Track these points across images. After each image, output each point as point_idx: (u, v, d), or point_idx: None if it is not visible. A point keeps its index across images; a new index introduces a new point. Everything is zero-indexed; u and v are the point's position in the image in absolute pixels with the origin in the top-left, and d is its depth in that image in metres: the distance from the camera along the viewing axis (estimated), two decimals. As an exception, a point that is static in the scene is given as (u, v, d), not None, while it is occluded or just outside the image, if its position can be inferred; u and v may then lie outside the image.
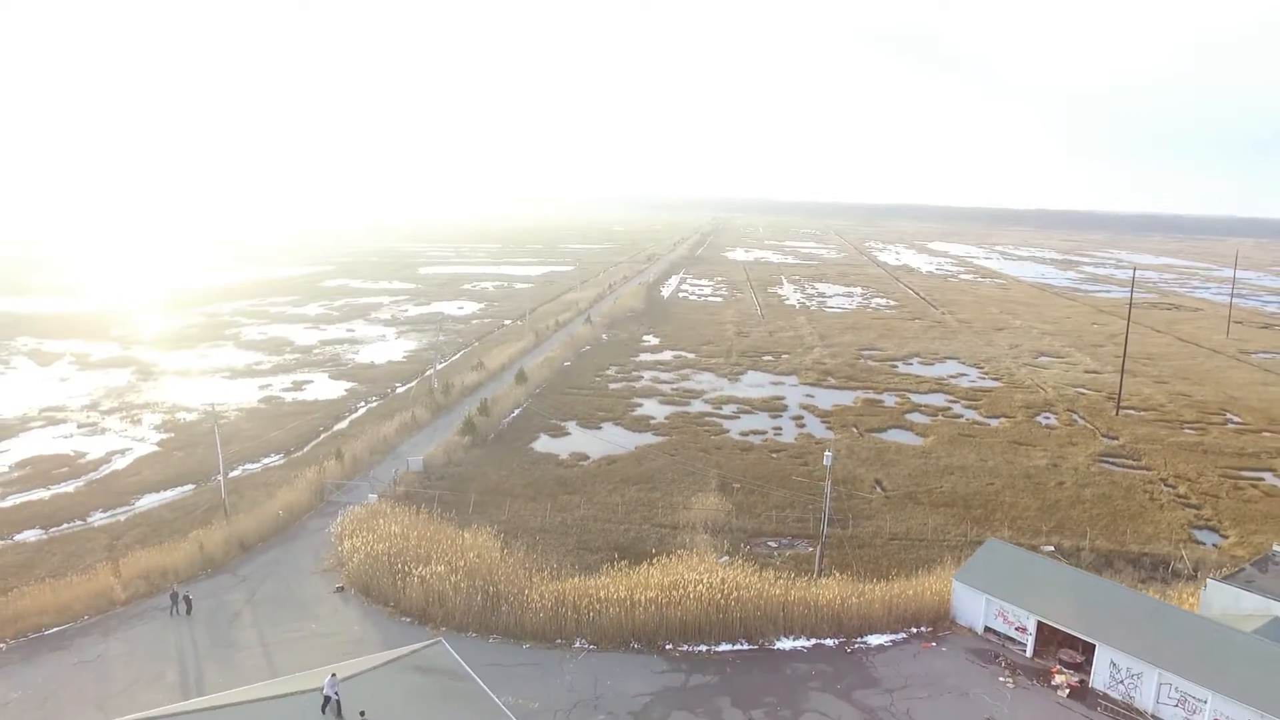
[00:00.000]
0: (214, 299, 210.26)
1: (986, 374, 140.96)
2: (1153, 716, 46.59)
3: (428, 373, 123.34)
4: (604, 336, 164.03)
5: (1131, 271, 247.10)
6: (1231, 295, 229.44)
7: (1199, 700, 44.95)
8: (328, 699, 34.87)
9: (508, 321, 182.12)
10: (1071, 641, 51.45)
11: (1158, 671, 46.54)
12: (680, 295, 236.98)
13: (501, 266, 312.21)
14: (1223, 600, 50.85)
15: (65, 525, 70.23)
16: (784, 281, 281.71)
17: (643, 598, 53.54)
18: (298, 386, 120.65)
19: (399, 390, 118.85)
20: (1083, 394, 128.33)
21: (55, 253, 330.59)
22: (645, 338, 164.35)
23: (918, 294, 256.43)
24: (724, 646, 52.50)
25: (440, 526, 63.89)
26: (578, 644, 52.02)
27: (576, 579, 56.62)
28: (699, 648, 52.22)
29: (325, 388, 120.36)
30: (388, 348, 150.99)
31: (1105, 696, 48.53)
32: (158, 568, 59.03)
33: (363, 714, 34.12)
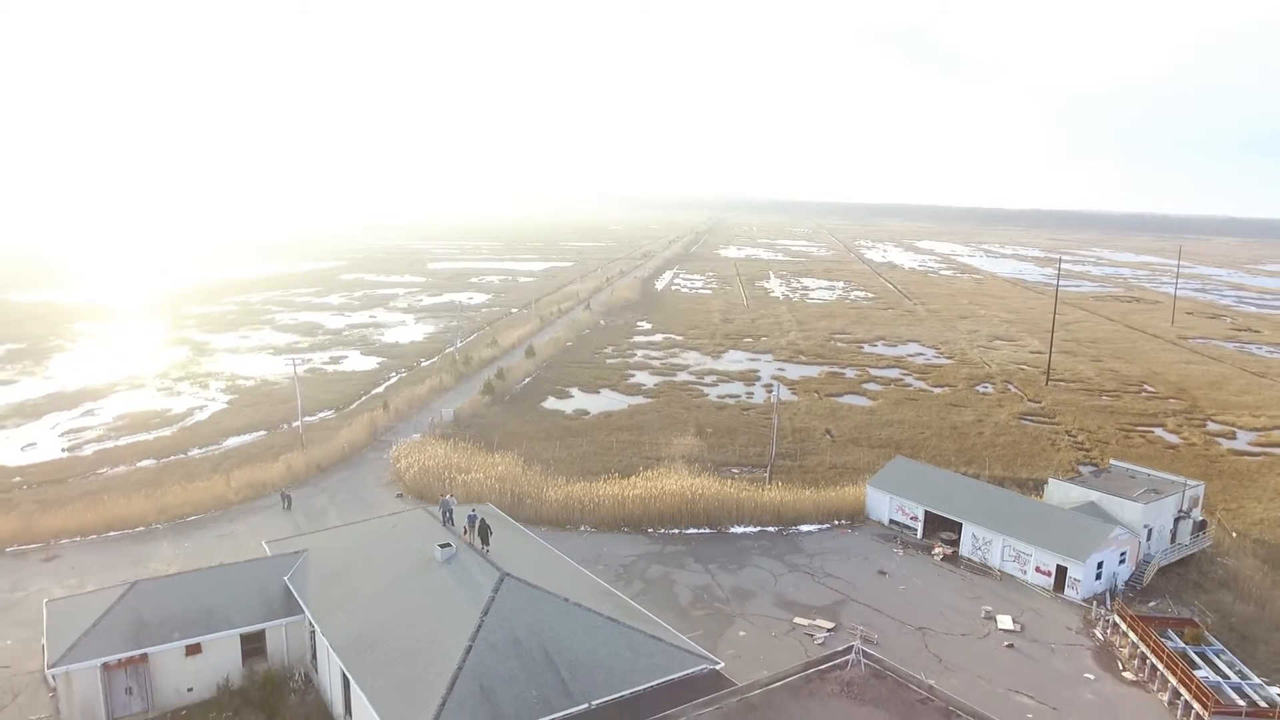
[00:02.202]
0: (240, 290, 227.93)
1: (942, 354, 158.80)
2: (998, 570, 64.47)
3: (448, 349, 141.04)
4: (602, 322, 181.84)
5: (1058, 263, 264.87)
6: (1175, 288, 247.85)
7: (1027, 554, 62.85)
8: (448, 513, 51.75)
9: (514, 310, 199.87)
10: (951, 525, 69.25)
11: (1002, 538, 64.44)
12: (673, 288, 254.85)
13: (505, 262, 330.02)
14: (1059, 492, 68.77)
15: (172, 457, 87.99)
16: (771, 276, 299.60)
17: (631, 495, 71.51)
18: (335, 361, 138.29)
19: (424, 364, 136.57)
20: (1023, 369, 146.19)
21: (73, 251, 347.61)
22: (639, 323, 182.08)
23: (895, 287, 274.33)
24: (691, 530, 70.34)
25: (474, 452, 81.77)
26: (582, 528, 69.83)
27: (581, 484, 74.50)
28: (672, 530, 70.05)
29: (359, 362, 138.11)
30: (409, 331, 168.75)
31: (967, 560, 66.43)
32: (258, 480, 76.83)
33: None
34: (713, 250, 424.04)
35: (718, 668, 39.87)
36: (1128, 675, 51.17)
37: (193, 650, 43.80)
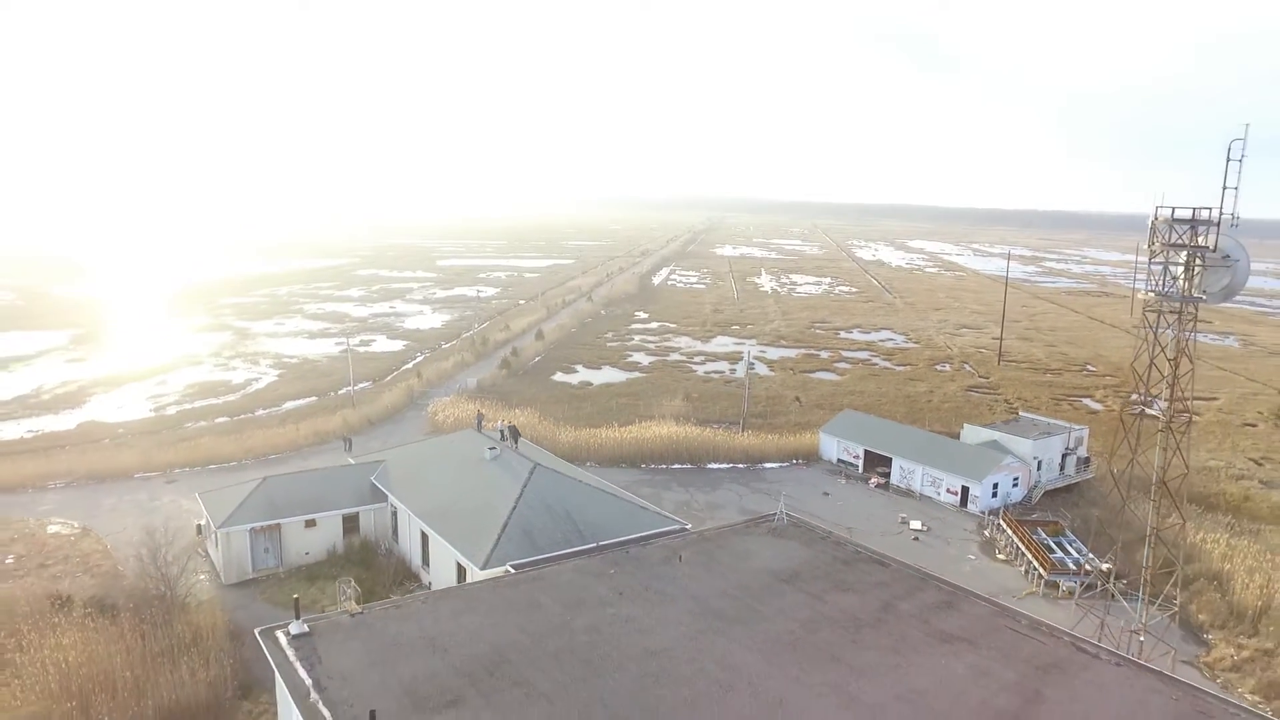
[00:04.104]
0: (265, 284, 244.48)
1: (910, 339, 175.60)
2: (919, 493, 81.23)
3: (466, 334, 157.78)
4: (603, 312, 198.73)
5: (1007, 256, 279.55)
6: (1134, 281, 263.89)
7: (940, 479, 79.64)
8: (502, 433, 68.52)
9: (522, 301, 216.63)
10: (885, 461, 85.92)
11: (922, 468, 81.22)
12: (669, 283, 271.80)
13: (510, 260, 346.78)
14: (971, 434, 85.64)
15: (242, 415, 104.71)
16: (762, 273, 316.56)
17: (628, 438, 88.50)
18: (365, 344, 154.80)
19: (444, 346, 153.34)
20: (981, 352, 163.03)
21: (90, 249, 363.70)
22: (637, 313, 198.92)
23: (879, 283, 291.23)
24: (676, 465, 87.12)
25: (498, 408, 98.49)
26: (588, 462, 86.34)
27: (587, 430, 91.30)
28: (661, 465, 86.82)
29: (387, 345, 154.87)
30: (427, 319, 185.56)
31: (895, 486, 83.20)
32: (321, 429, 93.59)
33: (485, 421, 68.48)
34: (709, 249, 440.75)
35: (687, 527, 56.59)
36: (1000, 557, 68.04)
37: (310, 524, 60.57)
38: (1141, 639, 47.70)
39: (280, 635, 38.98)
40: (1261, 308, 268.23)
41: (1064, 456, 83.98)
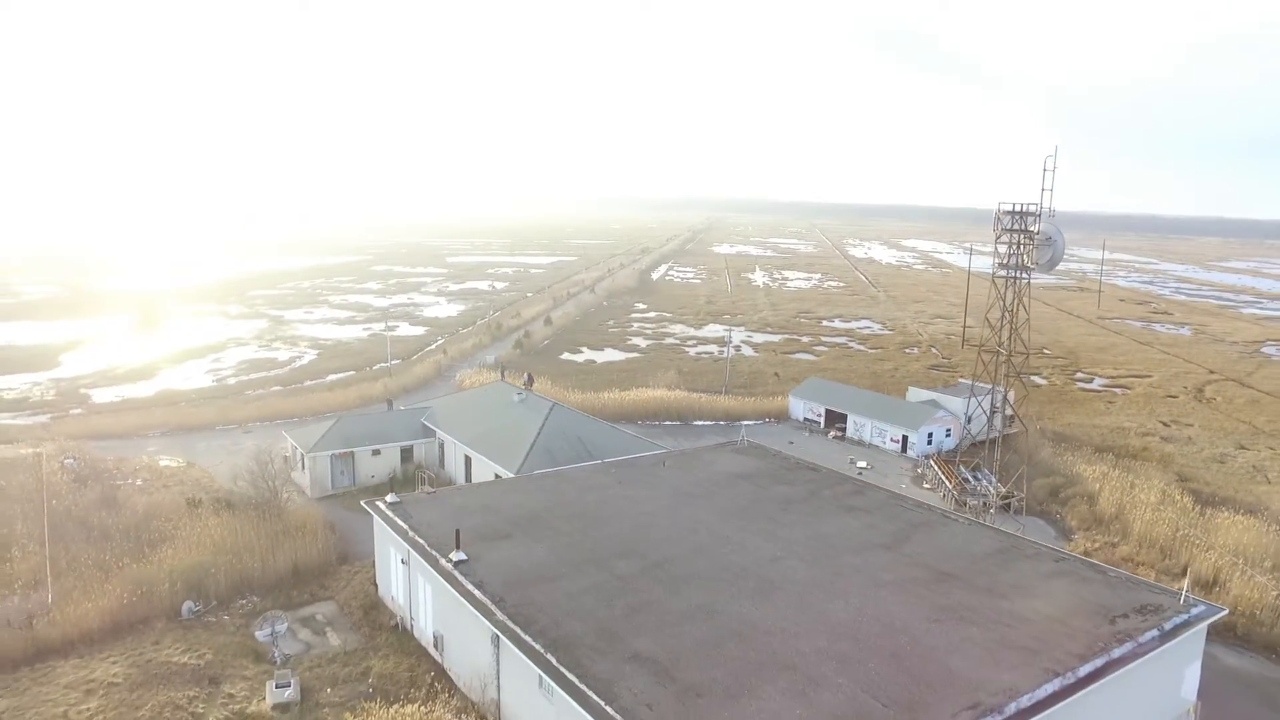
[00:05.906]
0: (287, 279, 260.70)
1: (886, 327, 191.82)
2: (869, 443, 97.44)
3: (481, 320, 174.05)
4: (605, 303, 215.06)
5: (970, 250, 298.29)
6: (1100, 277, 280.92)
7: (886, 430, 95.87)
8: (525, 382, 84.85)
9: (530, 294, 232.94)
10: (842, 418, 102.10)
11: (872, 421, 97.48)
12: (667, 278, 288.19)
13: (516, 257, 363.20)
14: (914, 394, 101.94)
15: (293, 385, 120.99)
16: (756, 269, 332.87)
17: (627, 399, 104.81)
18: (390, 329, 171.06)
19: (462, 331, 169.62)
20: (949, 338, 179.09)
21: (105, 247, 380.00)
22: (636, 304, 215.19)
23: (866, 278, 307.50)
24: (667, 422, 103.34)
25: (514, 379, 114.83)
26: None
27: (592, 394, 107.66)
28: (654, 422, 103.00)
29: (409, 330, 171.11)
30: (443, 309, 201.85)
31: (850, 438, 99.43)
32: (366, 394, 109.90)
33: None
34: (706, 247, 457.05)
35: (670, 451, 72.83)
36: (926, 486, 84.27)
37: (376, 453, 76.84)
38: (992, 511, 64.06)
39: (379, 503, 55.33)
40: (1227, 302, 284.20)
41: (992, 414, 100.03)
